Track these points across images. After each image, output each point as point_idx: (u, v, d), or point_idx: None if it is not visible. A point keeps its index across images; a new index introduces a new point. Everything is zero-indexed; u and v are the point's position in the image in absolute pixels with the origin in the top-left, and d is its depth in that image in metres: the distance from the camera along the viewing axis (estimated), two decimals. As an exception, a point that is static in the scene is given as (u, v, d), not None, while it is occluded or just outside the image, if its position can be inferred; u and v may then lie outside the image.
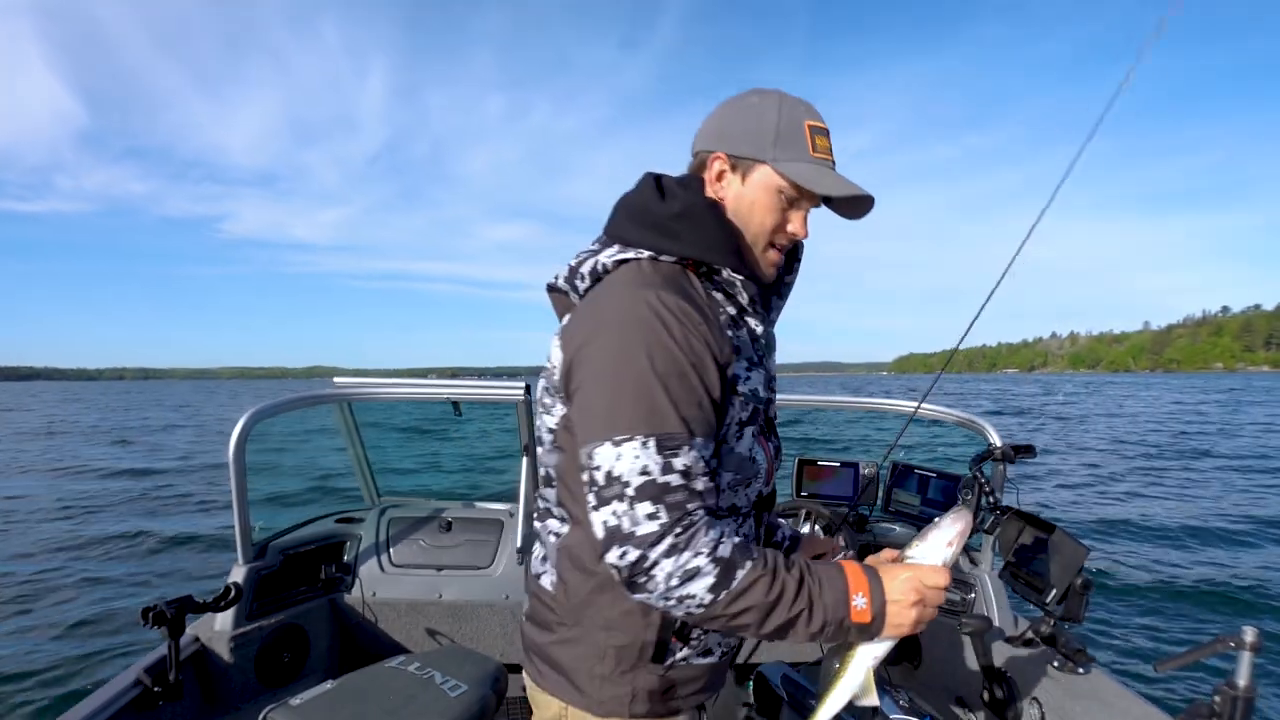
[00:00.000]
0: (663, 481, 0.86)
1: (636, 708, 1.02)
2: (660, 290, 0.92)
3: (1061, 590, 1.85)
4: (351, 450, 3.00)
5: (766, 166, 0.99)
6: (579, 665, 1.03)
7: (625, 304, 0.92)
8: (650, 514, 0.85)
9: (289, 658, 2.44)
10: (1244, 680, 1.29)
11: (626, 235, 1.01)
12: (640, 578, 0.86)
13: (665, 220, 0.99)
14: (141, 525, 8.35)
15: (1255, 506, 8.68)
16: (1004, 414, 25.12)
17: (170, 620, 1.88)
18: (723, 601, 0.86)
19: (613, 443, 0.87)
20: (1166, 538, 7.19)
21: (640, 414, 0.87)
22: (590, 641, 1.02)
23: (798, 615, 0.88)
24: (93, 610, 5.40)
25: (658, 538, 0.85)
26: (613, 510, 0.86)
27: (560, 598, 1.05)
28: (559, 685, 1.05)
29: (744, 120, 1.01)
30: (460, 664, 1.96)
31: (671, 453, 0.87)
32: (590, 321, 0.96)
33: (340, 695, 1.75)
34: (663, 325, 0.89)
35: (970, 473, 2.37)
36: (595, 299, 0.99)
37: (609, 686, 1.02)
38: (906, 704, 2.06)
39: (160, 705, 1.93)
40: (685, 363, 0.89)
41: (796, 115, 0.99)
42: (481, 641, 2.69)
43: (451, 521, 2.81)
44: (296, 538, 2.59)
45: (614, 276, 0.99)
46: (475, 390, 2.62)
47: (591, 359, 0.92)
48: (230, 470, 2.20)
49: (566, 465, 1.01)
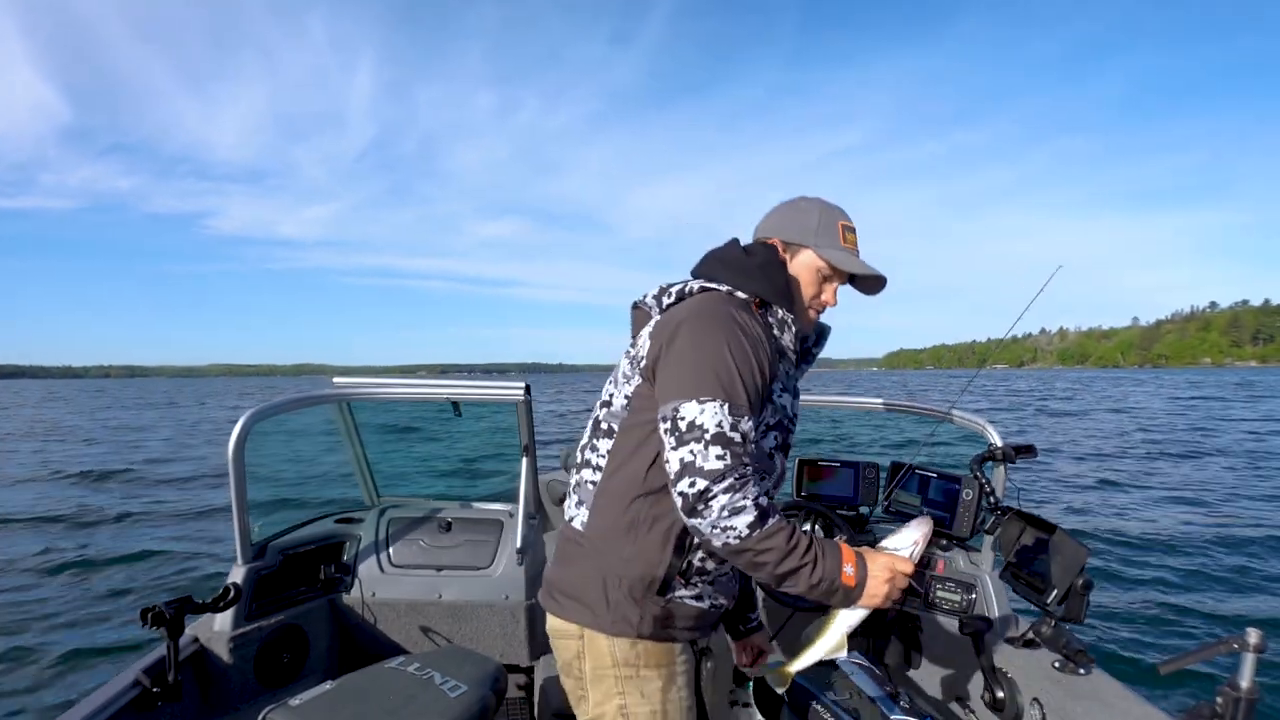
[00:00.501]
0: (730, 436, 1.12)
1: (643, 629, 1.27)
2: (735, 307, 1.25)
3: (1062, 590, 1.85)
4: (351, 450, 3.00)
5: (810, 250, 1.35)
6: (598, 591, 1.27)
7: (711, 307, 1.24)
8: (719, 455, 1.10)
9: (288, 658, 2.44)
10: (1247, 681, 1.29)
11: (714, 275, 1.33)
12: (700, 505, 1.09)
13: (749, 267, 1.31)
14: (141, 525, 8.35)
15: (1262, 504, 8.68)
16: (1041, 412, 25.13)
17: (169, 621, 1.88)
18: (755, 538, 1.10)
19: (698, 401, 1.14)
20: (1169, 537, 7.18)
21: (722, 384, 1.15)
22: (610, 571, 1.27)
23: (804, 565, 1.13)
24: (91, 611, 5.40)
25: (720, 476, 1.09)
26: (690, 449, 1.11)
27: (590, 533, 1.31)
28: (578, 611, 1.29)
29: (794, 217, 1.38)
30: (460, 664, 1.95)
31: (738, 418, 1.14)
32: (683, 313, 1.26)
33: (340, 696, 1.75)
34: (736, 324, 1.21)
35: (971, 473, 2.36)
36: (684, 305, 1.30)
37: (622, 608, 1.26)
38: (907, 704, 2.06)
39: (159, 706, 1.93)
40: (751, 357, 1.19)
41: (833, 216, 1.36)
42: (481, 642, 2.69)
43: (451, 522, 2.81)
44: (296, 538, 2.59)
45: (699, 296, 1.31)
46: (475, 390, 2.62)
47: (682, 338, 1.21)
48: (230, 470, 2.20)
49: (632, 423, 1.29)
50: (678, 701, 1.32)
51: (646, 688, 1.29)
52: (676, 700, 1.32)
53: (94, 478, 12.10)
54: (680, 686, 1.33)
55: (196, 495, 10.42)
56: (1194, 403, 28.33)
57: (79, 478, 12.07)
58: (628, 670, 1.28)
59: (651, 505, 1.26)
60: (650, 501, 1.26)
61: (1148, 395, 35.05)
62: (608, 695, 1.30)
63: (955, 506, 2.45)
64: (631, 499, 1.26)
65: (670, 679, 1.31)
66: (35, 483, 11.79)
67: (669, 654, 1.31)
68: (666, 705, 1.30)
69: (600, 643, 1.28)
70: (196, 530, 8.14)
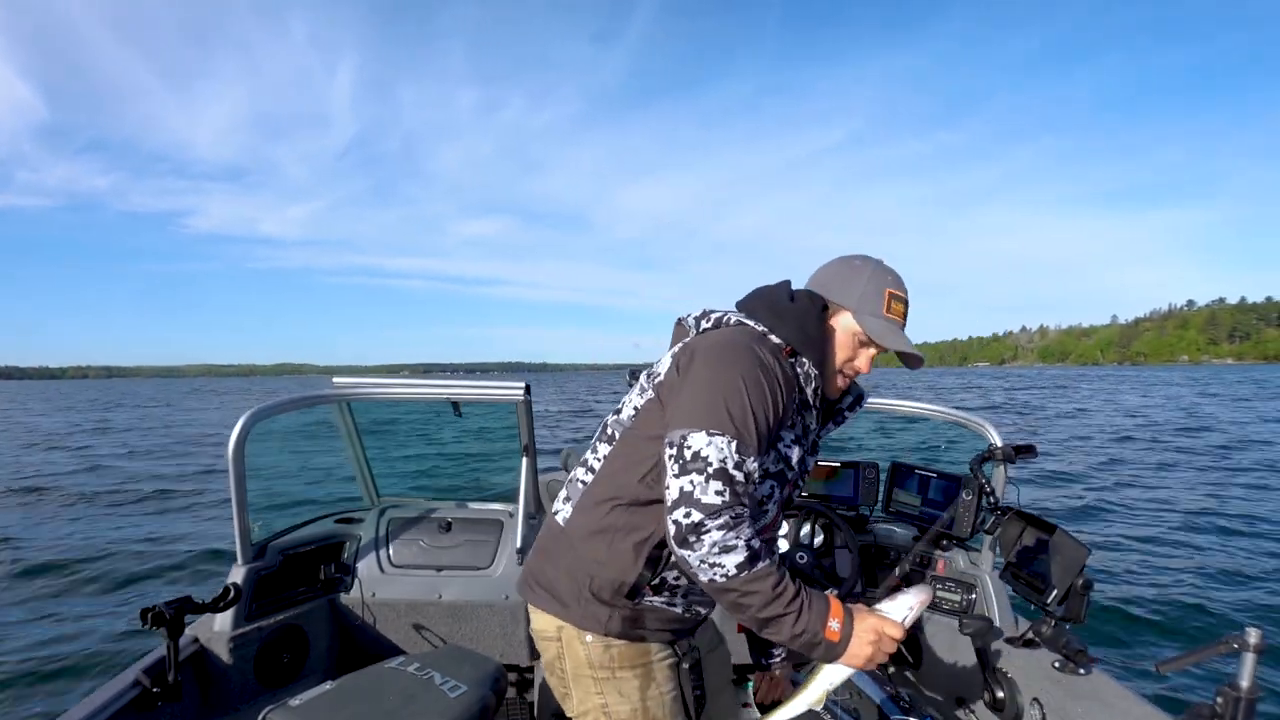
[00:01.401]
0: (733, 474, 1.11)
1: (611, 628, 1.29)
2: (761, 346, 1.23)
3: (1062, 590, 1.85)
4: (351, 450, 3.00)
5: (849, 314, 1.32)
6: (570, 587, 1.30)
7: (736, 341, 1.24)
8: (719, 491, 1.09)
9: (288, 658, 2.44)
10: (1246, 681, 1.29)
11: (755, 311, 1.33)
12: (692, 537, 1.09)
13: (789, 312, 1.30)
14: (140, 525, 8.35)
15: (1262, 503, 8.67)
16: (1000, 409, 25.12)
17: (169, 621, 1.88)
18: (742, 579, 1.10)
19: (707, 433, 1.12)
20: (1170, 537, 7.18)
21: (734, 419, 1.13)
22: (583, 569, 1.29)
23: (788, 614, 1.13)
24: (91, 611, 5.40)
25: (717, 511, 1.09)
26: (691, 480, 1.10)
27: (571, 530, 1.33)
28: (552, 604, 1.33)
29: (844, 275, 1.34)
30: (460, 664, 1.95)
31: (744, 457, 1.13)
32: (706, 343, 1.27)
33: (340, 696, 1.75)
34: (759, 363, 1.19)
35: (971, 473, 2.36)
36: (713, 333, 1.31)
37: (590, 606, 1.29)
38: (907, 704, 2.06)
39: (159, 706, 1.93)
40: (768, 396, 1.17)
41: (882, 282, 1.31)
42: (481, 642, 2.68)
43: (451, 522, 2.81)
44: (296, 538, 2.59)
45: (731, 327, 1.31)
46: (475, 390, 2.62)
47: (700, 365, 1.22)
48: (229, 470, 2.20)
49: (633, 435, 1.30)
50: (659, 698, 1.34)
51: (624, 688, 1.31)
52: (658, 697, 1.34)
53: (89, 469, 12.11)
54: (660, 684, 1.34)
55: (197, 494, 10.42)
56: (1195, 402, 28.35)
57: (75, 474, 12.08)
58: (604, 672, 1.31)
59: (630, 515, 1.27)
60: (630, 512, 1.27)
61: (1147, 394, 35.06)
62: (588, 694, 1.34)
63: (955, 506, 2.45)
64: (612, 505, 1.28)
65: (648, 678, 1.33)
66: (31, 479, 11.80)
67: (644, 654, 1.33)
68: (647, 703, 1.32)
69: (576, 646, 1.31)
70: (196, 531, 8.14)
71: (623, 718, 1.32)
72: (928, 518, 2.59)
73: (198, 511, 9.26)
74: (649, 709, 1.32)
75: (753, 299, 1.36)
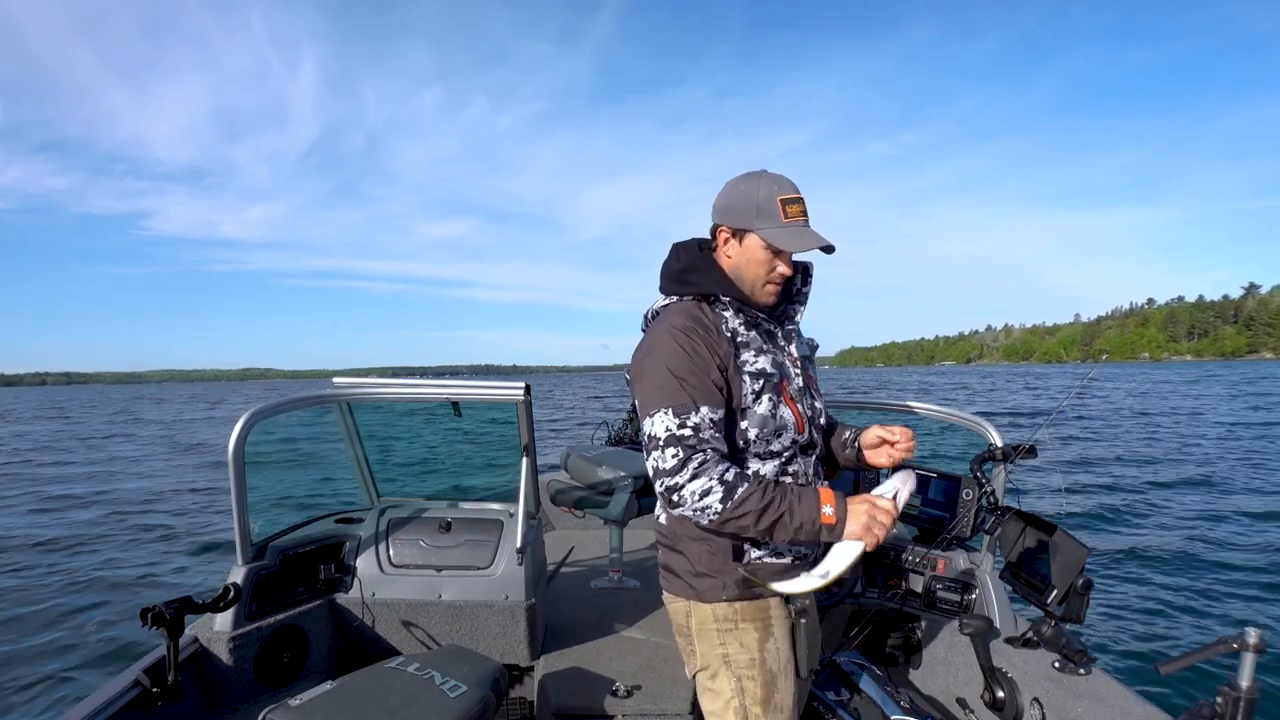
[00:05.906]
0: (679, 434, 1.30)
1: (728, 593, 1.44)
2: (675, 319, 1.41)
3: (1062, 590, 1.85)
4: (351, 450, 2.99)
5: (754, 234, 1.41)
6: (685, 568, 1.48)
7: (657, 333, 1.42)
8: (674, 454, 1.30)
9: (288, 658, 2.44)
10: (1246, 681, 1.29)
11: (664, 288, 1.51)
12: (674, 497, 1.30)
13: (678, 274, 1.49)
14: (140, 526, 8.35)
15: (1262, 504, 8.67)
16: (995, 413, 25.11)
17: (169, 621, 1.88)
18: (729, 509, 1.29)
19: (650, 417, 1.34)
20: (1169, 538, 7.18)
21: (662, 395, 1.33)
22: (690, 551, 1.47)
23: (781, 515, 1.30)
24: (91, 611, 5.40)
25: (677, 469, 1.29)
26: (654, 457, 1.32)
27: (667, 526, 1.52)
28: (679, 586, 1.50)
29: (736, 199, 1.43)
30: (460, 664, 1.95)
31: (684, 416, 1.31)
32: (641, 346, 1.47)
33: (340, 696, 1.75)
34: (675, 341, 1.37)
35: (971, 473, 2.36)
36: (646, 335, 1.48)
37: (705, 580, 1.45)
38: (907, 704, 2.06)
39: (159, 706, 1.93)
40: (690, 359, 1.35)
41: (771, 192, 1.40)
42: (481, 642, 2.68)
43: (451, 522, 2.81)
44: (296, 538, 2.58)
45: (659, 318, 1.47)
46: (475, 390, 2.62)
47: (637, 375, 1.42)
48: (229, 470, 2.20)
49: None
50: (775, 653, 1.45)
51: (745, 638, 1.44)
52: (774, 651, 1.45)
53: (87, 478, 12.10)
54: (777, 639, 1.46)
55: (196, 494, 10.42)
56: (1192, 400, 28.34)
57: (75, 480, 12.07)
58: (727, 624, 1.45)
59: None
60: None
61: (1143, 393, 35.04)
62: (711, 646, 1.46)
63: (955, 506, 2.45)
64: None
65: (766, 631, 1.45)
66: (28, 480, 11.79)
67: (763, 610, 1.46)
68: (764, 654, 1.44)
69: (703, 606, 1.46)
70: (197, 530, 8.14)
71: (741, 665, 1.43)
72: (928, 518, 2.59)
73: (196, 514, 9.26)
74: (765, 660, 1.44)
75: (661, 280, 1.52)
